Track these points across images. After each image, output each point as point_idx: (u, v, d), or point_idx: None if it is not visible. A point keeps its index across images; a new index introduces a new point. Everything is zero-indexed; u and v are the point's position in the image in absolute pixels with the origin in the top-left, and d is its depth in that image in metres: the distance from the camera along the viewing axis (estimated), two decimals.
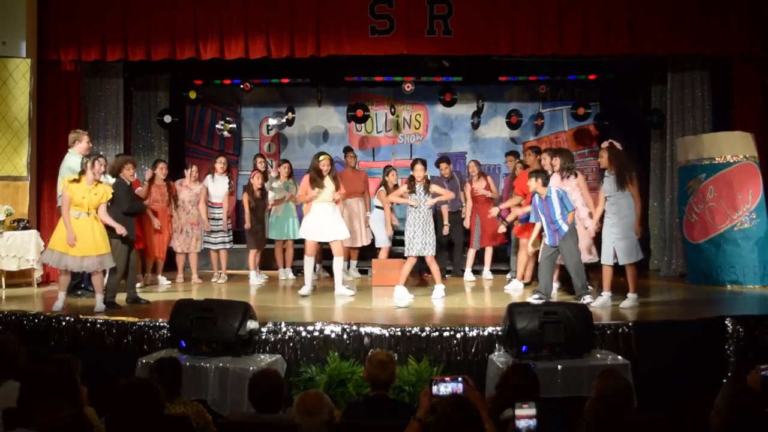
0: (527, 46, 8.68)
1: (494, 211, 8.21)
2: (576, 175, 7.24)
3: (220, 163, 8.94)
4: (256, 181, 8.60)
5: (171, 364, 3.96)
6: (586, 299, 6.61)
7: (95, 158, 6.58)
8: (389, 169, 9.24)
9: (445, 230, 8.89)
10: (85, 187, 6.49)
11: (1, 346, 3.66)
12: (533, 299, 6.74)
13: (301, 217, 9.11)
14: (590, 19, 8.57)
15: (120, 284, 6.91)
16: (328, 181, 7.55)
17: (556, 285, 7.38)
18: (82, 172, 6.54)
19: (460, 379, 3.24)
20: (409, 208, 7.29)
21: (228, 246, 8.91)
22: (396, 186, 9.16)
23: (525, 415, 2.80)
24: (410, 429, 3.15)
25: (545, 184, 6.88)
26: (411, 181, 7.33)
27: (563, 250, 6.80)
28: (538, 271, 7.11)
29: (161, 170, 8.41)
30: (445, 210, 8.89)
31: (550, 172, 7.21)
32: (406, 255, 7.34)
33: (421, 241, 7.21)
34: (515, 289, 7.85)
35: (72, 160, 7.26)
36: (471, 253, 8.92)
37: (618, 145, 6.82)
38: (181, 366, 4.06)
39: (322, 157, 7.58)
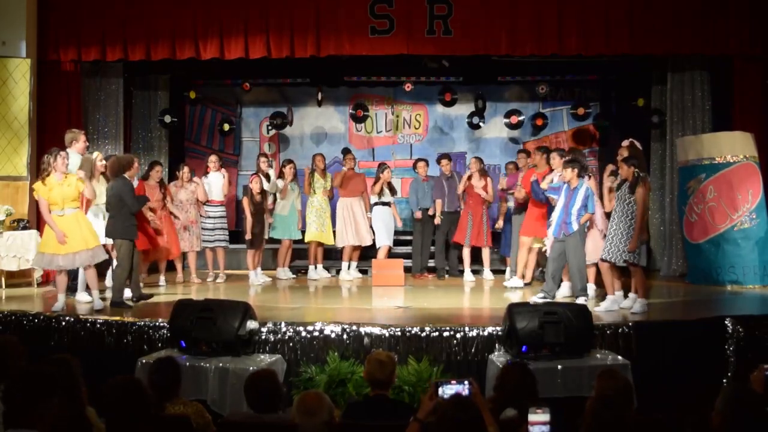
0: (527, 46, 8.68)
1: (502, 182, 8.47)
2: (588, 177, 7.21)
3: (212, 162, 8.94)
4: (255, 186, 8.57)
5: (169, 365, 3.95)
6: (580, 300, 6.59)
7: (56, 153, 6.53)
8: (384, 167, 9.24)
9: (437, 220, 8.90)
10: (54, 183, 6.46)
11: (3, 347, 3.66)
12: (537, 299, 6.75)
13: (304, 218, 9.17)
14: (590, 19, 8.58)
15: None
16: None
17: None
18: (46, 174, 6.49)
19: (466, 381, 3.21)
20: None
21: (224, 245, 8.90)
22: (390, 183, 9.19)
23: (539, 421, 2.77)
24: (410, 429, 3.15)
25: (580, 175, 6.86)
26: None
27: (569, 248, 6.79)
28: (546, 271, 7.07)
29: (157, 173, 8.39)
30: (438, 204, 8.89)
31: (557, 171, 7.21)
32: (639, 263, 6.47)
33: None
34: (514, 285, 7.84)
35: (73, 161, 7.24)
36: (467, 252, 8.89)
37: (638, 145, 6.80)
38: (180, 366, 4.05)
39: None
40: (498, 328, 5.60)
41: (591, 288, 7.17)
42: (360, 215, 9.08)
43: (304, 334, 5.73)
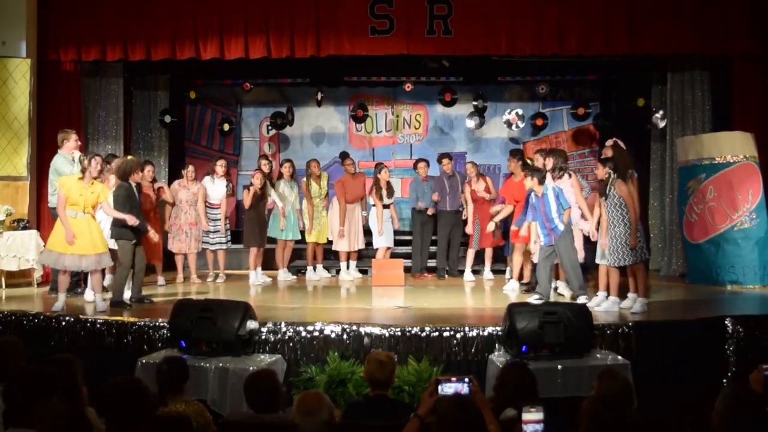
0: (527, 46, 8.68)
1: (491, 226, 8.15)
2: (570, 176, 7.21)
3: (220, 166, 8.95)
4: (257, 181, 8.59)
5: (178, 362, 4.00)
6: (581, 299, 6.59)
7: (92, 156, 6.59)
8: (381, 167, 9.24)
9: (430, 210, 8.95)
10: (81, 185, 6.48)
11: (4, 347, 3.67)
12: (533, 300, 6.74)
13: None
14: (590, 19, 8.58)
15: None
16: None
17: (553, 284, 7.35)
18: (79, 177, 6.53)
19: (466, 379, 3.20)
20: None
21: (225, 246, 8.91)
22: (389, 183, 9.19)
23: (532, 419, 2.76)
24: (410, 426, 3.14)
25: (541, 182, 6.86)
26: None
27: (560, 250, 6.77)
28: (537, 273, 7.08)
29: (149, 172, 8.39)
30: (435, 196, 8.91)
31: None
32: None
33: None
34: (513, 290, 7.85)
35: (59, 160, 7.29)
36: (470, 253, 8.91)
37: (622, 144, 6.80)
38: (187, 366, 4.07)
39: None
40: (498, 328, 5.60)
41: None
42: (356, 221, 9.09)
43: (304, 334, 5.73)
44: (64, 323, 6.14)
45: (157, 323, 5.92)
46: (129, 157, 7.74)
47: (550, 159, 7.26)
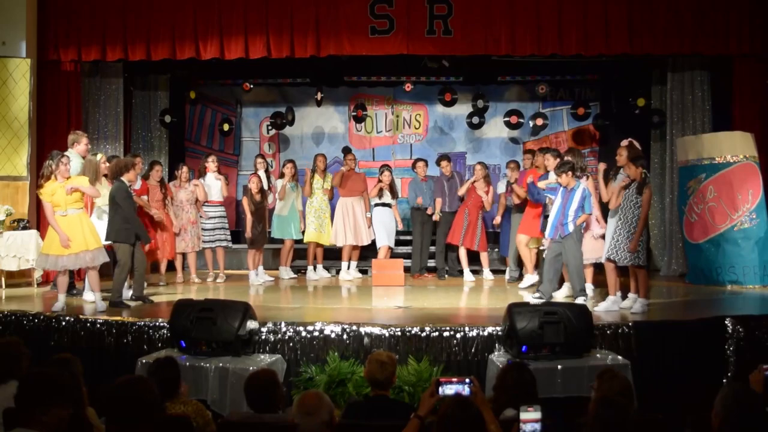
0: (527, 46, 8.68)
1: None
2: (587, 177, 7.16)
3: (212, 162, 8.93)
4: (254, 185, 8.57)
5: (168, 365, 3.96)
6: (580, 300, 6.58)
7: (59, 157, 6.58)
8: (383, 169, 9.25)
9: (436, 217, 8.97)
10: (57, 185, 6.51)
11: (6, 347, 3.67)
12: (533, 298, 6.74)
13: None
14: (590, 19, 8.58)
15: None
16: None
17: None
18: (47, 177, 6.53)
19: (467, 380, 3.20)
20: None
21: (224, 244, 8.91)
22: (391, 185, 9.20)
23: (530, 419, 2.76)
24: (410, 426, 3.14)
25: (576, 176, 6.83)
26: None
27: (566, 249, 6.77)
28: (543, 272, 7.06)
29: (157, 172, 8.39)
30: (438, 203, 8.91)
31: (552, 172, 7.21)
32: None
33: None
34: (530, 284, 7.87)
35: (72, 162, 7.26)
36: (462, 252, 8.90)
37: (637, 144, 6.78)
38: (179, 366, 4.05)
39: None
40: (498, 328, 5.60)
41: (589, 288, 7.16)
42: (360, 215, 9.08)
43: (304, 334, 5.73)
44: (64, 323, 6.13)
45: (157, 323, 5.91)
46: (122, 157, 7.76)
47: (568, 159, 7.23)
